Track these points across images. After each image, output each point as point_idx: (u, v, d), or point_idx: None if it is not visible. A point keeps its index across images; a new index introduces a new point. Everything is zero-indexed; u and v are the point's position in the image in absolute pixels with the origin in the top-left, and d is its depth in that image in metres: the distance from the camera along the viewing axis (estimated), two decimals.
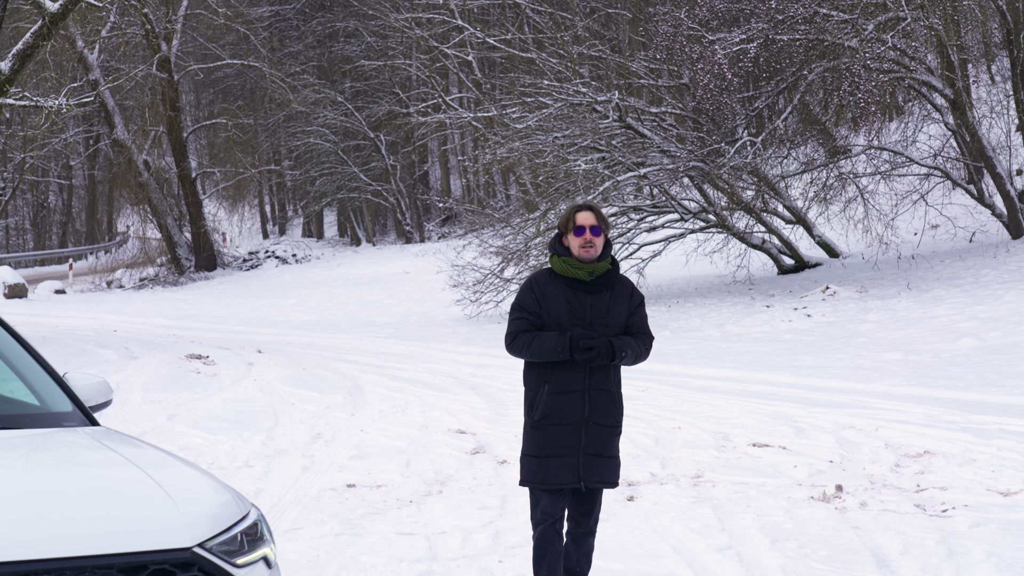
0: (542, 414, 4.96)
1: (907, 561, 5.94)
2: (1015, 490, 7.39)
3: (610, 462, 5.04)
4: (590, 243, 4.97)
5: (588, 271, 4.98)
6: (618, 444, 5.13)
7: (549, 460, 4.94)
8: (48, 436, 4.02)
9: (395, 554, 6.10)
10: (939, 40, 18.62)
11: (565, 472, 4.94)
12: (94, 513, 3.34)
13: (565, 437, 4.95)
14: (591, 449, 4.97)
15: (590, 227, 4.97)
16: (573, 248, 5.00)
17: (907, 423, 9.60)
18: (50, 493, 3.44)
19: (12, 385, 4.26)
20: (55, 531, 3.19)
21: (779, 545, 6.25)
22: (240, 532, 3.52)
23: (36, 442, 3.96)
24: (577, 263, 4.99)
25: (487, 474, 8.13)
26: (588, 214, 5.00)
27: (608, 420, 5.03)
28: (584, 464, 4.96)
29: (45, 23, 16.94)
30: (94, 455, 3.81)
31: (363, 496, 7.49)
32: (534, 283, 5.05)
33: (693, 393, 11.64)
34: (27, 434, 4.00)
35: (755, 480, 7.84)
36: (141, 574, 3.22)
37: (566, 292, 4.99)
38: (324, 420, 10.51)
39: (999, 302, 15.65)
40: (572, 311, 4.97)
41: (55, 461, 3.82)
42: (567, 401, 4.95)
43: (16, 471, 3.70)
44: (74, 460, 3.81)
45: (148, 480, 3.55)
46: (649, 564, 5.91)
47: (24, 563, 3.08)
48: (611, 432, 5.05)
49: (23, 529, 3.17)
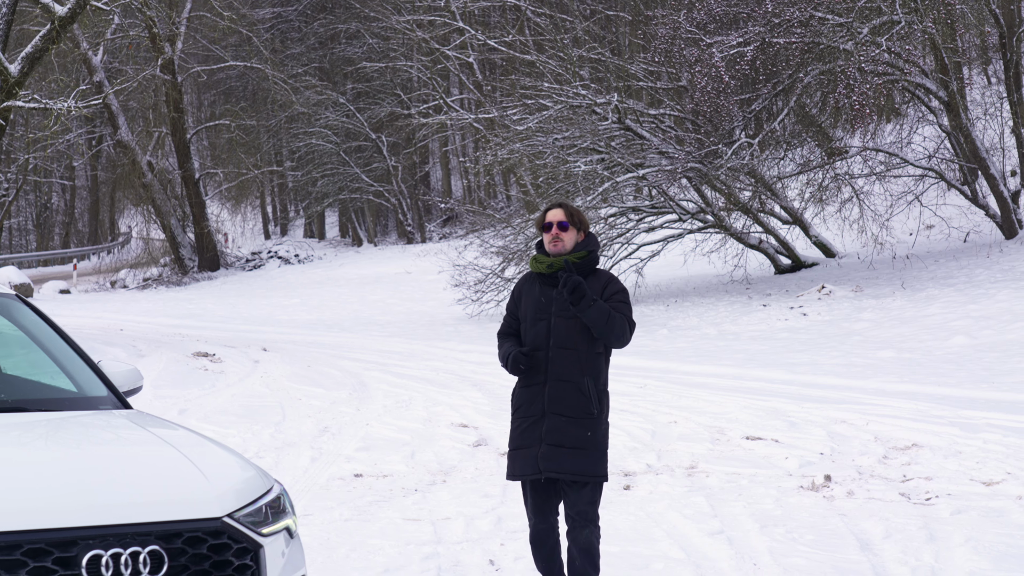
0: (514, 407, 5.14)
1: (889, 545, 6.24)
2: (997, 480, 7.68)
3: (575, 453, 4.97)
4: (557, 238, 5.09)
5: (547, 264, 5.11)
6: (593, 436, 5.01)
7: (516, 452, 5.07)
8: (87, 418, 4.34)
9: (402, 537, 6.41)
10: (933, 43, 18.91)
11: (528, 463, 5.01)
12: (133, 486, 3.67)
13: (529, 429, 5.03)
14: (550, 439, 4.97)
15: (557, 222, 5.10)
16: (545, 243, 5.15)
17: (897, 418, 9.88)
18: (93, 468, 3.77)
19: (52, 372, 4.57)
20: (99, 501, 3.51)
21: (768, 530, 6.55)
22: (265, 504, 3.85)
23: (76, 423, 4.28)
24: (542, 257, 5.15)
25: (489, 465, 8.43)
26: (556, 210, 5.15)
27: (571, 411, 4.98)
28: (543, 454, 4.97)
29: (54, 27, 17.23)
30: (130, 434, 4.14)
31: (370, 485, 7.79)
32: (517, 285, 5.28)
33: (690, 389, 11.92)
34: (68, 415, 4.33)
35: (747, 471, 8.13)
36: (176, 541, 3.54)
37: (538, 288, 5.14)
38: (330, 415, 10.81)
39: (991, 301, 15.91)
40: (538, 306, 5.10)
41: (95, 439, 4.14)
42: (529, 394, 5.06)
43: (61, 448, 4.03)
44: (112, 439, 4.14)
45: (181, 457, 3.87)
46: (644, 547, 6.21)
47: (72, 529, 3.40)
48: (575, 423, 4.98)
49: (71, 499, 3.49)
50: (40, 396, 4.51)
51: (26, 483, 3.58)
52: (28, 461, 3.82)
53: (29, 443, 4.03)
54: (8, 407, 4.29)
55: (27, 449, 3.97)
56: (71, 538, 3.39)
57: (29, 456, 3.89)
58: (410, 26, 35.71)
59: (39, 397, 4.50)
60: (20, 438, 4.05)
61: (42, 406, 4.39)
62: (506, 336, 5.21)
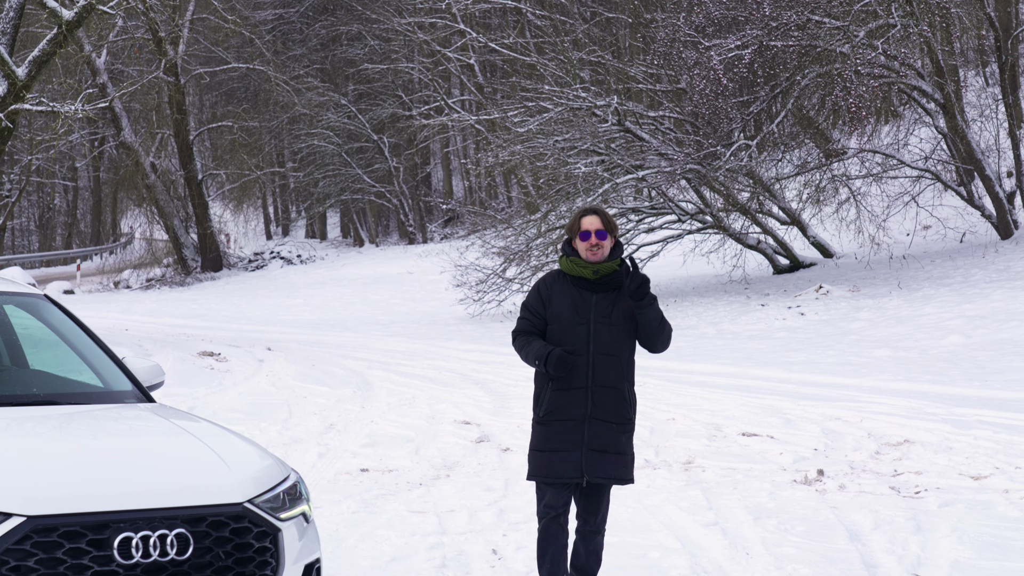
0: (546, 410, 5.08)
1: (877, 535, 6.47)
2: (986, 474, 7.90)
3: (617, 458, 5.07)
4: (597, 246, 5.09)
5: (593, 270, 5.09)
6: (628, 441, 5.13)
7: (554, 455, 5.04)
8: (115, 410, 4.60)
9: (408, 529, 6.64)
10: (929, 46, 19.13)
11: (568, 466, 5.02)
12: (161, 473, 3.93)
13: (568, 432, 5.03)
14: (595, 445, 5.03)
15: (595, 231, 5.09)
16: (580, 252, 5.12)
17: (891, 415, 10.09)
18: (123, 457, 4.04)
19: (79, 368, 4.82)
20: (129, 488, 3.77)
21: (761, 522, 6.78)
22: (282, 491, 4.11)
23: (106, 415, 4.54)
24: (583, 262, 5.10)
25: (491, 460, 8.66)
26: (593, 218, 5.12)
27: (613, 417, 5.06)
28: (587, 459, 5.02)
29: (62, 30, 17.46)
30: (156, 426, 4.40)
31: (376, 479, 8.03)
32: (542, 284, 5.19)
33: (688, 388, 12.14)
34: (97, 408, 4.59)
35: (742, 466, 8.36)
36: (200, 524, 3.79)
37: (572, 291, 5.11)
38: (335, 412, 11.04)
39: (986, 300, 16.12)
40: (576, 309, 5.08)
41: (124, 430, 4.40)
42: (569, 398, 5.03)
43: (92, 438, 4.29)
44: (139, 430, 4.39)
45: (203, 446, 4.13)
46: (641, 537, 6.45)
47: (105, 513, 3.66)
48: (617, 429, 5.07)
49: (103, 486, 3.75)
50: (70, 391, 4.78)
51: (62, 471, 3.84)
52: (63, 450, 4.08)
53: (63, 434, 4.30)
54: (40, 400, 4.56)
55: (61, 440, 4.23)
56: (103, 521, 3.65)
57: (63, 446, 4.15)
58: (411, 28, 35.95)
59: (69, 391, 4.77)
60: (54, 429, 4.32)
61: (72, 400, 4.66)
62: (529, 335, 5.13)
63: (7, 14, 18.68)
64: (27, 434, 4.22)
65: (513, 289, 21.40)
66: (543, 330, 5.15)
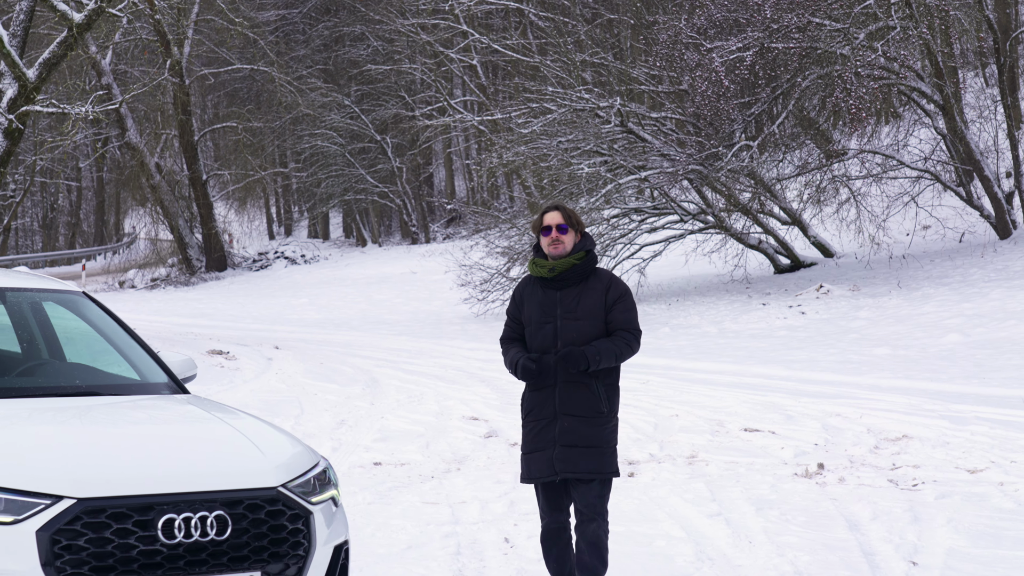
0: (525, 411, 5.19)
1: (876, 525, 6.70)
2: (982, 468, 8.13)
3: (588, 452, 5.06)
4: (557, 240, 5.10)
5: (548, 268, 5.12)
6: (605, 434, 5.11)
7: (532, 455, 5.13)
8: (154, 401, 4.86)
9: (422, 519, 6.88)
10: (928, 48, 19.36)
11: (542, 464, 5.08)
12: (200, 459, 4.19)
13: (543, 431, 5.09)
14: (564, 440, 5.05)
15: (556, 225, 5.11)
16: (543, 247, 5.16)
17: (890, 411, 10.31)
18: (165, 443, 4.31)
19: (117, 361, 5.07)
20: (172, 472, 4.03)
21: (763, 512, 7.01)
22: (313, 477, 4.36)
23: (146, 405, 4.80)
24: (542, 261, 5.14)
25: (500, 454, 8.89)
26: (554, 213, 5.14)
27: (582, 411, 5.07)
28: (557, 455, 5.05)
29: (72, 33, 17.69)
30: (193, 415, 4.65)
31: (389, 472, 8.27)
32: (517, 289, 5.29)
33: (691, 385, 12.36)
34: (136, 399, 4.85)
35: (745, 460, 8.59)
36: (238, 507, 4.04)
37: (539, 292, 5.15)
38: (346, 408, 11.27)
39: (985, 300, 16.32)
40: (543, 309, 5.11)
41: (164, 419, 4.66)
42: (540, 397, 5.11)
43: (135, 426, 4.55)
44: (178, 419, 4.65)
45: (238, 434, 4.38)
46: (647, 527, 6.68)
47: (149, 496, 3.92)
48: (588, 423, 5.07)
49: (147, 471, 4.01)
50: (110, 382, 5.03)
51: (108, 457, 4.09)
52: (108, 438, 4.34)
53: (107, 423, 4.55)
54: (84, 391, 4.82)
55: (106, 428, 4.49)
56: (148, 503, 3.91)
57: (108, 433, 4.41)
58: (414, 29, 36.18)
59: (109, 383, 5.02)
60: (98, 418, 4.57)
61: (113, 391, 4.92)
62: (511, 342, 5.22)
63: (17, 17, 18.91)
64: (73, 422, 4.49)
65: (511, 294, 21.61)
66: (523, 334, 5.22)
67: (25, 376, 5.01)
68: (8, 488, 3.79)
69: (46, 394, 4.73)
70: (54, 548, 3.77)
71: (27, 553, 3.74)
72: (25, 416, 4.45)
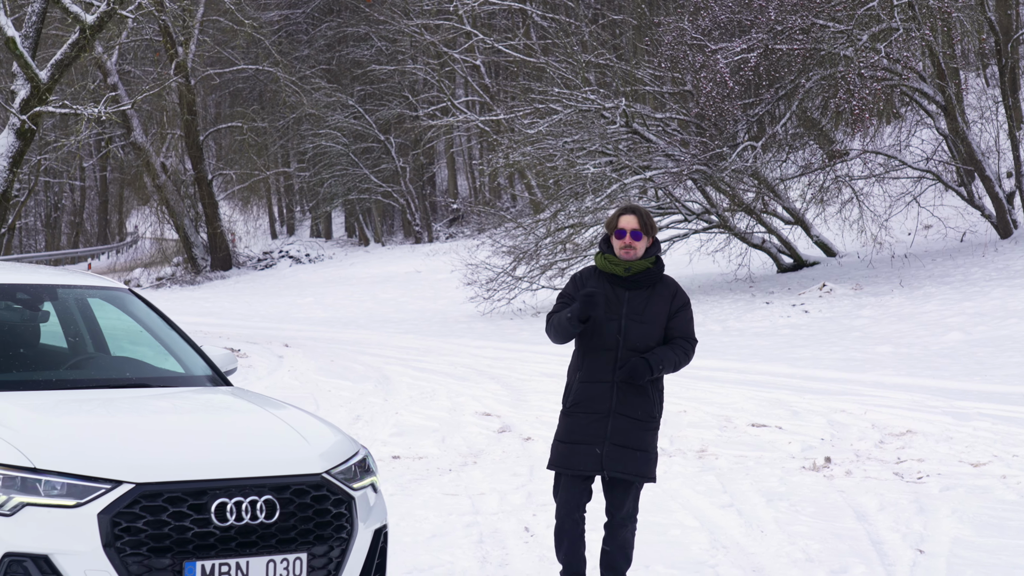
0: (572, 402, 5.15)
1: (883, 516, 6.93)
2: (985, 461, 8.35)
3: (638, 455, 5.11)
4: (630, 246, 5.14)
5: (624, 267, 5.15)
6: (652, 439, 5.17)
7: (576, 446, 5.12)
8: (200, 392, 5.11)
9: (444, 509, 7.11)
10: (930, 50, 19.58)
11: (588, 459, 5.09)
12: (249, 446, 4.45)
13: (591, 425, 5.08)
14: (616, 439, 5.08)
15: (631, 231, 5.13)
16: (615, 249, 5.18)
17: (894, 407, 10.53)
18: (215, 432, 4.55)
19: (162, 355, 5.30)
20: (224, 459, 4.28)
21: (773, 503, 7.24)
22: (354, 464, 4.61)
23: (193, 396, 5.06)
24: (615, 259, 5.17)
25: (515, 448, 9.12)
26: (631, 217, 5.14)
27: (638, 413, 5.10)
28: (607, 454, 5.07)
29: (85, 35, 17.91)
30: (239, 406, 4.90)
31: (408, 465, 8.50)
32: (579, 277, 5.27)
33: (697, 382, 12.55)
34: (185, 390, 5.10)
35: (753, 454, 8.81)
36: (285, 492, 4.30)
37: (605, 287, 5.15)
38: (361, 404, 11.49)
39: (986, 298, 16.52)
40: (608, 305, 5.11)
41: (211, 409, 4.91)
42: (595, 391, 5.10)
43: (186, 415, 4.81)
44: (226, 409, 4.90)
45: (283, 424, 4.62)
46: (661, 517, 6.91)
47: (203, 481, 4.17)
48: (640, 425, 5.12)
49: (201, 457, 4.26)
50: (157, 375, 5.27)
51: (163, 444, 4.34)
52: (162, 426, 4.60)
53: (159, 412, 4.80)
54: (134, 383, 5.06)
55: (159, 417, 4.75)
56: (202, 488, 4.16)
57: (162, 422, 4.66)
58: (418, 30, 36.40)
59: (157, 376, 5.26)
60: (151, 408, 4.83)
61: (161, 383, 5.19)
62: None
63: (29, 19, 19.13)
64: (127, 412, 4.74)
65: (522, 287, 21.85)
66: None
67: (75, 369, 5.26)
68: (71, 473, 4.04)
69: (98, 386, 4.99)
70: (114, 530, 4.01)
71: (89, 535, 3.98)
72: (80, 406, 4.71)
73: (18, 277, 5.58)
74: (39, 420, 4.42)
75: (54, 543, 3.94)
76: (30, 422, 4.37)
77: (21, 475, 4.00)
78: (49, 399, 4.70)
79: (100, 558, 3.96)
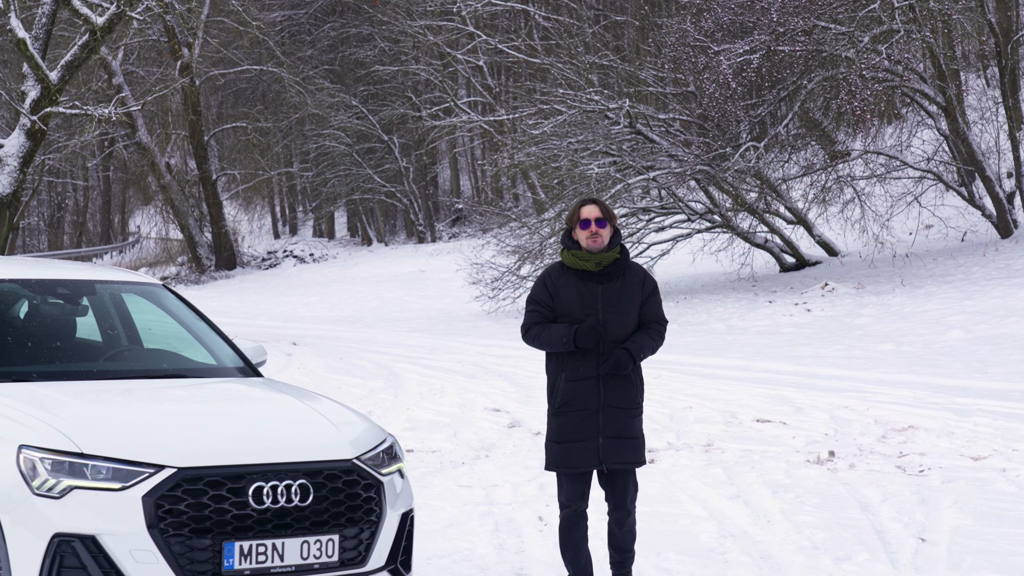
0: (561, 401, 5.26)
1: (886, 507, 7.13)
2: (985, 455, 8.55)
3: (631, 443, 5.27)
4: (596, 234, 5.20)
5: (595, 261, 5.22)
6: (639, 424, 5.34)
7: (572, 445, 5.24)
8: (233, 382, 5.33)
9: (459, 499, 7.32)
10: (931, 51, 19.77)
11: (586, 456, 5.22)
12: (283, 433, 4.67)
13: (584, 422, 5.20)
14: (610, 432, 5.22)
15: (595, 219, 5.20)
16: (581, 241, 5.24)
17: (896, 404, 10.72)
18: (251, 420, 4.78)
19: (195, 347, 5.52)
20: (260, 445, 4.50)
21: (779, 495, 7.44)
22: (382, 451, 4.83)
23: (228, 386, 5.28)
24: (585, 254, 5.23)
25: (525, 443, 9.32)
26: (592, 207, 5.25)
27: (625, 403, 5.25)
28: (604, 447, 5.21)
29: (96, 36, 18.10)
30: (271, 395, 5.12)
31: (422, 459, 8.70)
32: (547, 277, 5.33)
33: (701, 380, 12.76)
34: (219, 381, 5.32)
35: (759, 448, 9.01)
36: (318, 477, 4.52)
37: (577, 284, 5.23)
38: (371, 401, 11.70)
39: (987, 297, 16.69)
40: (584, 302, 5.21)
41: (246, 398, 5.14)
42: (583, 388, 5.21)
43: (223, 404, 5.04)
44: (260, 398, 5.13)
45: (313, 412, 4.85)
46: (670, 507, 7.11)
47: (241, 466, 4.40)
48: (629, 414, 5.27)
49: (239, 444, 4.48)
50: (192, 366, 5.48)
51: (203, 431, 4.56)
52: (201, 414, 4.82)
53: (197, 401, 5.03)
54: (171, 374, 5.28)
55: (196, 405, 4.97)
56: (240, 473, 4.38)
57: (200, 410, 4.89)
58: (421, 31, 36.59)
59: (191, 367, 5.47)
60: (189, 397, 5.06)
61: (196, 374, 5.41)
62: (546, 322, 5.24)
63: (39, 20, 19.32)
64: (168, 401, 4.97)
65: (527, 286, 22.04)
66: (554, 321, 5.28)
67: (113, 361, 5.48)
68: (116, 458, 4.26)
69: (135, 376, 5.21)
70: (157, 512, 4.23)
71: (134, 516, 4.20)
72: (122, 395, 4.93)
73: (58, 273, 5.80)
74: (84, 408, 4.65)
75: (101, 524, 4.16)
76: (76, 410, 4.59)
77: (69, 460, 4.22)
78: (91, 388, 4.94)
79: (144, 538, 4.18)
